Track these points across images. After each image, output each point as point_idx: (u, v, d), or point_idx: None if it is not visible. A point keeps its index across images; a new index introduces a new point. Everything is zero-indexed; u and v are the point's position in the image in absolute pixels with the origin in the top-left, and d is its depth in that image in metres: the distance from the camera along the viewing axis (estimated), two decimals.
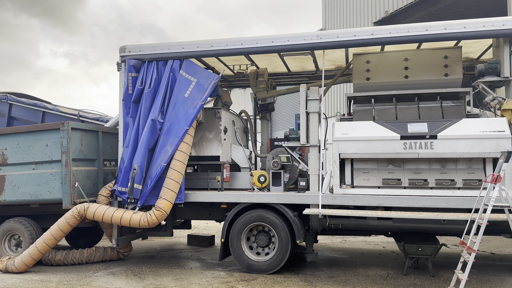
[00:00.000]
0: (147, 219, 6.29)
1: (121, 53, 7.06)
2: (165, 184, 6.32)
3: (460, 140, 5.71)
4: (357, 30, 6.28)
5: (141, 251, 8.35)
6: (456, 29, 5.85)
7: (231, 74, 8.68)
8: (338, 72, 8.06)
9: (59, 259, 7.08)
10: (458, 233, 5.68)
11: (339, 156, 6.24)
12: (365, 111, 6.80)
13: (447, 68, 6.61)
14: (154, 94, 6.71)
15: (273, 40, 6.58)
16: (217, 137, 7.19)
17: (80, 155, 7.05)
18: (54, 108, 8.73)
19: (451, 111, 6.45)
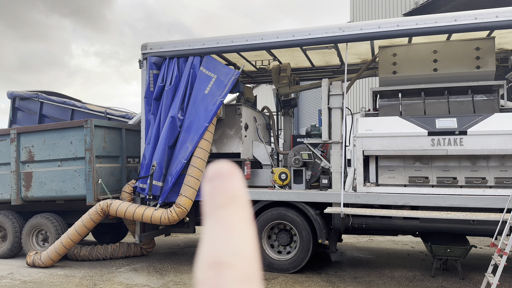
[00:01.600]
0: (167, 216, 6.30)
1: (143, 50, 7.09)
2: (185, 181, 6.31)
3: (492, 136, 5.39)
4: (381, 21, 6.03)
5: (164, 247, 8.41)
6: (488, 19, 5.51)
7: (253, 69, 8.57)
8: (364, 65, 7.80)
9: (84, 254, 7.22)
10: (489, 234, 5.38)
11: (363, 153, 6.02)
12: (392, 106, 6.54)
13: (479, 60, 6.25)
14: (174, 91, 6.70)
15: (294, 34, 6.42)
16: (237, 134, 7.11)
17: (103, 152, 7.14)
18: (83, 106, 8.91)
19: (483, 105, 6.10)
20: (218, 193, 0.24)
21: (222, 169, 0.25)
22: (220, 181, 0.24)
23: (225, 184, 0.24)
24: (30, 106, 9.23)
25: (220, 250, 0.23)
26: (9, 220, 7.67)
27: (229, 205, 0.24)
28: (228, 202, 0.24)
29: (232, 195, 0.24)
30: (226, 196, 0.24)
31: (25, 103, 9.27)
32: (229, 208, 0.24)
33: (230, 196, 0.24)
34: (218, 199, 0.24)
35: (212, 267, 0.22)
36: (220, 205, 0.24)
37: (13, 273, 6.55)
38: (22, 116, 9.33)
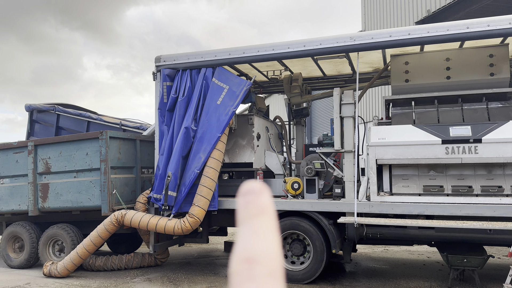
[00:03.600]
0: (181, 226, 6.33)
1: (157, 62, 7.22)
2: (198, 191, 6.35)
3: (508, 143, 5.31)
4: (393, 30, 6.04)
5: (179, 257, 8.44)
6: (501, 26, 5.47)
7: (265, 80, 8.63)
8: (376, 74, 7.79)
9: (99, 264, 7.29)
10: (507, 243, 5.27)
11: (376, 162, 5.99)
12: (405, 114, 6.50)
13: (492, 67, 6.19)
14: (187, 102, 6.78)
15: (305, 44, 6.46)
16: (250, 144, 7.14)
17: (118, 163, 7.25)
18: (98, 117, 9.09)
19: (498, 112, 6.02)
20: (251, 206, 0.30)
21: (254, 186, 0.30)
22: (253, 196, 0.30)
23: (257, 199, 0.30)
24: (47, 118, 9.44)
25: (252, 249, 0.28)
26: (27, 231, 7.80)
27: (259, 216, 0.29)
28: (258, 213, 0.30)
29: (262, 208, 0.30)
30: (257, 208, 0.30)
31: (42, 115, 9.49)
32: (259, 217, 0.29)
33: (260, 209, 0.30)
34: (251, 210, 0.30)
35: (245, 261, 0.28)
36: (252, 215, 0.29)
37: (30, 283, 6.65)
38: (39, 129, 9.55)
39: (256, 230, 0.29)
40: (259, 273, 0.27)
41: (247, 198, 0.30)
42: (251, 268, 0.28)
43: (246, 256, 0.28)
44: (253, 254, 0.28)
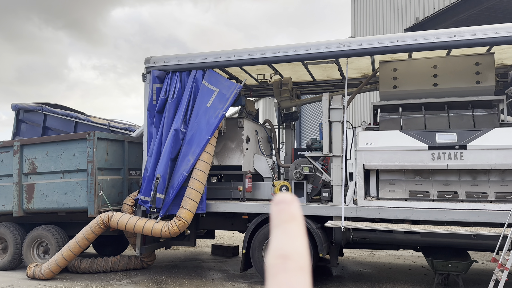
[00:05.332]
0: (168, 229, 6.30)
1: (146, 64, 7.19)
2: (187, 193, 6.33)
3: (492, 150, 5.41)
4: (381, 37, 6.12)
5: (165, 260, 8.38)
6: (487, 35, 5.59)
7: (255, 83, 8.66)
8: (365, 80, 7.87)
9: (84, 267, 7.20)
10: (490, 248, 5.36)
11: (364, 167, 6.05)
12: (392, 120, 6.58)
13: (478, 75, 6.31)
14: (177, 104, 6.77)
15: (295, 48, 6.51)
16: (239, 147, 7.15)
17: (105, 164, 7.19)
18: (86, 118, 9.00)
19: (483, 120, 6.14)
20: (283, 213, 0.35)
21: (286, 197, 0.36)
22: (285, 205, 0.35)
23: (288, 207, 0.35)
24: (34, 118, 9.32)
25: (285, 248, 0.33)
26: (10, 232, 7.68)
27: (291, 221, 0.35)
28: (290, 219, 0.35)
29: (293, 215, 0.35)
30: (289, 215, 0.35)
31: (29, 115, 9.37)
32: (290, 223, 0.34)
33: (291, 216, 0.35)
34: (283, 217, 0.35)
35: (280, 257, 0.33)
36: (284, 220, 0.35)
37: (13, 285, 6.54)
38: (25, 128, 9.41)
39: (288, 233, 0.34)
40: (291, 267, 0.33)
41: (280, 207, 0.35)
42: (285, 263, 0.33)
43: (281, 253, 0.33)
44: (286, 252, 0.33)
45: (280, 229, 0.35)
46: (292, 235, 0.34)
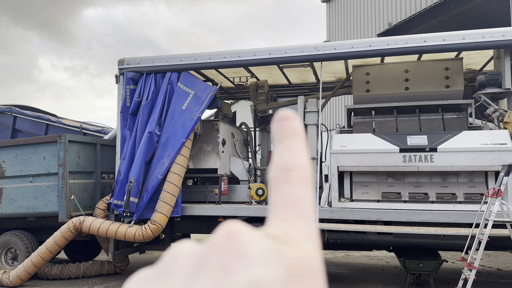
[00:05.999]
0: (142, 233, 6.21)
1: (120, 65, 7.08)
2: (161, 197, 6.25)
3: (461, 153, 5.58)
4: (354, 42, 6.23)
5: (139, 265, 8.25)
6: (455, 40, 5.77)
7: (231, 86, 8.66)
8: (339, 84, 7.99)
9: (55, 273, 7.00)
10: (459, 248, 5.51)
11: (338, 169, 6.13)
12: (365, 123, 6.71)
13: (448, 80, 6.51)
14: (151, 107, 6.69)
15: (270, 52, 6.55)
16: (215, 150, 7.12)
17: (77, 167, 7.02)
18: (57, 120, 8.76)
19: (453, 123, 6.33)
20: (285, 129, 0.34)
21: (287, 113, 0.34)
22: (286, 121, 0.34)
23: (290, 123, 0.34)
24: (3, 120, 9.01)
25: (287, 161, 0.32)
26: None
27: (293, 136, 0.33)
28: (292, 134, 0.34)
29: (295, 130, 0.33)
30: (291, 131, 0.34)
31: None
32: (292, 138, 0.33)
33: (293, 131, 0.33)
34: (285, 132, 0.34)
35: (282, 169, 0.32)
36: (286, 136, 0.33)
37: None
38: None
39: (290, 147, 0.33)
40: (294, 178, 0.32)
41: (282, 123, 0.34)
42: (288, 174, 0.32)
43: (283, 165, 0.33)
44: (289, 164, 0.32)
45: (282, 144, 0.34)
46: (295, 149, 0.33)
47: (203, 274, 0.28)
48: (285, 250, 0.28)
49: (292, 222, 0.30)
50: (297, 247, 0.29)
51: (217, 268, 0.28)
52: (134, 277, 0.32)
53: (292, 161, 0.33)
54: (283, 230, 0.30)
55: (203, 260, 0.29)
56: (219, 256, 0.28)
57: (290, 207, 0.31)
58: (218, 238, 0.29)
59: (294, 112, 0.35)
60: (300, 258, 0.28)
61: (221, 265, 0.27)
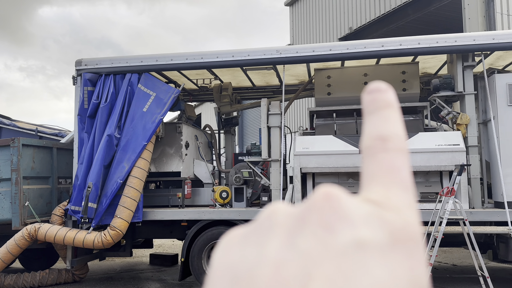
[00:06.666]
0: (101, 240, 6.01)
1: (77, 66, 6.84)
2: (121, 202, 6.09)
3: (417, 153, 5.78)
4: (316, 45, 6.33)
5: (99, 272, 7.99)
6: (411, 45, 5.98)
7: (195, 88, 8.57)
8: (301, 86, 8.09)
9: (8, 283, 6.65)
10: None
11: (301, 171, 6.19)
12: (327, 126, 6.82)
13: (405, 83, 6.73)
14: (110, 109, 6.50)
15: (233, 54, 6.54)
16: (178, 153, 7.02)
17: (32, 172, 6.72)
18: (11, 123, 8.36)
19: (410, 125, 6.55)
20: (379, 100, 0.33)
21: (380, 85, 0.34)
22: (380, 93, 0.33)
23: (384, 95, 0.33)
24: None
25: (383, 130, 0.32)
26: None
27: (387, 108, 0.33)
28: (386, 106, 0.33)
29: (389, 102, 0.33)
30: (385, 102, 0.33)
31: None
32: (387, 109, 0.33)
33: (388, 102, 0.33)
34: (379, 104, 0.33)
35: (378, 138, 0.32)
36: (380, 107, 0.33)
37: None
38: None
39: (385, 118, 0.32)
40: (391, 147, 0.31)
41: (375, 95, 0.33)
42: (384, 143, 0.31)
43: (379, 135, 0.32)
44: (385, 134, 0.32)
45: (376, 115, 0.33)
46: (390, 120, 0.32)
47: (305, 231, 0.28)
48: (387, 214, 0.28)
49: (392, 189, 0.30)
50: (399, 213, 0.29)
51: (319, 226, 0.28)
52: (229, 235, 0.32)
53: (389, 131, 0.32)
54: (383, 196, 0.30)
55: (303, 219, 0.29)
56: (320, 215, 0.28)
57: (389, 175, 0.31)
58: (316, 199, 0.29)
59: (387, 84, 0.34)
60: (403, 223, 0.28)
61: (323, 224, 0.28)
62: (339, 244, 0.27)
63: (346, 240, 0.27)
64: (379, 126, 0.32)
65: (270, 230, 0.30)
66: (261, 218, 0.32)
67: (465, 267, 7.81)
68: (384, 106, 0.33)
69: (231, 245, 0.31)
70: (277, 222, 0.30)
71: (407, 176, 0.31)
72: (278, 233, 0.29)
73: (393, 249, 0.27)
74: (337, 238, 0.27)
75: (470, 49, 5.97)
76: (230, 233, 0.32)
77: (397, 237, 0.27)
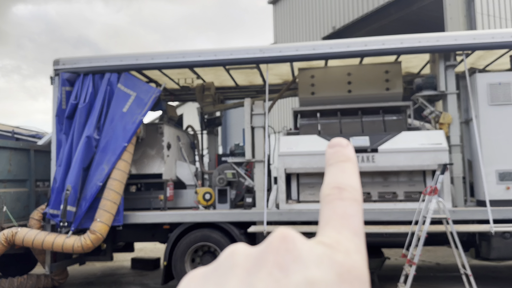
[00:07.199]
0: (81, 244, 5.84)
1: (55, 66, 6.64)
2: (101, 205, 5.92)
3: (400, 153, 5.78)
4: (299, 45, 6.27)
5: (80, 277, 7.79)
6: (394, 45, 5.98)
7: (177, 87, 8.43)
8: (285, 86, 8.03)
9: None
10: (401, 245, 5.70)
11: (285, 171, 6.13)
12: (311, 125, 6.78)
13: (388, 83, 6.74)
14: (89, 109, 6.33)
15: (216, 53, 6.43)
16: (159, 154, 6.88)
17: (8, 175, 6.51)
18: None
19: (393, 124, 6.56)
20: (339, 154, 0.37)
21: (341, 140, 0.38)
22: (340, 147, 0.37)
23: (343, 150, 0.37)
24: None
25: (340, 181, 0.35)
26: None
27: (346, 161, 0.36)
28: (345, 159, 0.37)
29: (348, 156, 0.37)
30: (344, 156, 0.37)
31: None
32: (346, 162, 0.36)
33: (347, 157, 0.37)
34: (339, 157, 0.37)
35: (335, 187, 0.35)
36: (340, 160, 0.37)
37: None
38: None
39: (343, 170, 0.36)
40: (346, 196, 0.34)
41: (336, 149, 0.37)
42: (340, 192, 0.35)
43: (336, 184, 0.35)
44: (342, 184, 0.35)
45: (335, 166, 0.36)
46: (347, 172, 0.36)
47: (261, 272, 0.30)
48: (337, 256, 0.31)
49: (343, 234, 0.33)
50: (348, 255, 0.31)
51: (274, 267, 0.30)
52: (190, 274, 0.34)
53: (345, 182, 0.35)
54: (334, 240, 0.32)
55: (260, 259, 0.31)
56: (276, 257, 0.31)
57: (342, 220, 0.33)
58: (273, 241, 0.32)
59: (347, 140, 0.38)
60: (351, 265, 0.30)
61: (278, 264, 0.30)
62: (292, 283, 0.29)
63: (299, 280, 0.29)
64: (337, 177, 0.36)
65: (229, 270, 0.32)
66: (221, 258, 0.34)
67: (448, 265, 7.88)
68: (344, 160, 0.37)
69: (193, 283, 0.33)
70: (236, 263, 0.32)
71: (359, 223, 0.34)
72: (236, 274, 0.31)
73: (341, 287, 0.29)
74: (291, 277, 0.29)
75: (452, 49, 6.00)
76: (191, 273, 0.34)
77: (344, 277, 0.30)
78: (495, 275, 6.99)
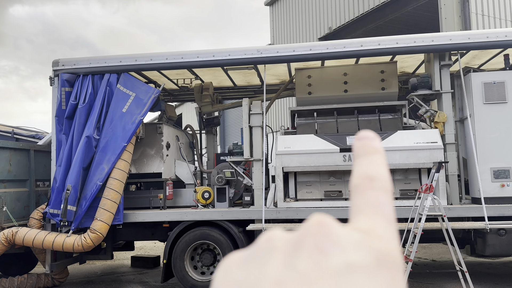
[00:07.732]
0: (81, 243, 5.91)
1: (54, 67, 6.70)
2: (101, 204, 5.99)
3: (396, 151, 5.88)
4: (296, 45, 6.36)
5: (80, 276, 7.85)
6: (389, 45, 6.07)
7: (175, 88, 8.50)
8: (282, 86, 8.11)
9: None
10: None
11: (283, 170, 6.22)
12: (308, 125, 6.86)
13: (383, 82, 6.83)
14: (89, 110, 6.39)
15: (214, 54, 6.51)
16: (158, 153, 6.95)
17: (8, 175, 6.56)
18: None
19: (389, 123, 6.65)
20: (367, 146, 0.37)
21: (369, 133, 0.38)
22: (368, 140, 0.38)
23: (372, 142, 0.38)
24: None
25: (370, 171, 0.36)
26: None
27: (375, 153, 0.37)
28: (374, 151, 0.37)
29: (376, 148, 0.37)
30: (373, 149, 0.37)
31: None
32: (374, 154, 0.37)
33: (375, 149, 0.37)
34: (367, 149, 0.37)
35: (365, 178, 0.35)
36: (368, 152, 0.37)
37: None
38: None
39: (372, 162, 0.36)
40: (377, 186, 0.35)
41: (364, 141, 0.38)
42: (371, 182, 0.35)
43: (366, 175, 0.36)
44: (372, 175, 0.36)
45: (365, 158, 0.37)
46: (377, 164, 0.36)
47: (301, 254, 0.31)
48: (373, 241, 0.32)
49: (377, 221, 0.33)
50: (383, 240, 0.32)
51: (314, 250, 0.31)
52: (228, 258, 0.35)
53: (375, 173, 0.36)
54: (369, 226, 0.33)
55: (299, 243, 0.32)
56: (314, 240, 0.31)
57: (374, 209, 0.34)
58: (310, 226, 0.33)
59: (374, 133, 0.39)
60: (387, 250, 0.31)
61: (317, 248, 0.31)
62: (332, 265, 0.30)
63: (338, 262, 0.30)
64: (367, 168, 0.36)
65: (269, 253, 0.33)
66: (260, 242, 0.35)
67: (444, 262, 7.99)
68: (372, 152, 0.37)
69: (233, 266, 0.34)
70: (275, 246, 0.33)
71: (390, 211, 0.35)
72: (277, 256, 0.32)
73: (378, 271, 0.30)
74: (330, 260, 0.30)
75: (447, 49, 6.09)
76: (230, 255, 0.36)
77: (381, 261, 0.31)
78: (490, 271, 7.10)
